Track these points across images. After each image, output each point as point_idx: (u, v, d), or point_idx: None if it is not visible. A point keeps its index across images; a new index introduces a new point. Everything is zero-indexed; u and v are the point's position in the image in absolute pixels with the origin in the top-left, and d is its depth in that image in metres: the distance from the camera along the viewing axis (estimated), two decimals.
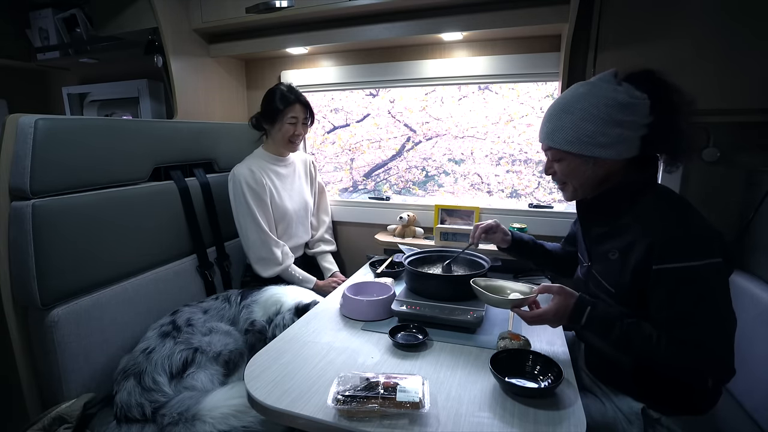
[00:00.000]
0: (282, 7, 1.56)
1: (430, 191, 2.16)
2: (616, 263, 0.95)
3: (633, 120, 0.91)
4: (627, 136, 0.91)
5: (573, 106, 0.94)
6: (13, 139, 1.09)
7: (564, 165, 0.99)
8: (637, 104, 0.90)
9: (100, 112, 2.25)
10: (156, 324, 1.29)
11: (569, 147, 0.95)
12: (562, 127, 0.95)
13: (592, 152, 0.93)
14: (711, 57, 1.20)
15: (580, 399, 0.85)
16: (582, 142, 0.93)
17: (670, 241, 0.85)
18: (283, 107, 1.59)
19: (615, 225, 0.98)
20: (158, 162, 1.48)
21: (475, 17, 1.49)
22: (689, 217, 0.89)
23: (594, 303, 0.92)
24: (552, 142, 0.98)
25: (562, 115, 0.96)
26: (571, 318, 0.91)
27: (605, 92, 0.92)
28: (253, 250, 1.60)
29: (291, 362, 0.97)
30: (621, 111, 0.90)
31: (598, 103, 0.91)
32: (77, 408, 1.06)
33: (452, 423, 0.77)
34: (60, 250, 1.13)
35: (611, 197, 0.98)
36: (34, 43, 2.14)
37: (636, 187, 0.95)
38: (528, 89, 1.87)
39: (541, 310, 0.95)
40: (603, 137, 0.91)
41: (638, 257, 0.89)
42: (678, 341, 0.83)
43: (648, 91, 0.91)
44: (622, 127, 0.90)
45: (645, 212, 0.92)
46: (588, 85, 0.96)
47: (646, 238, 0.88)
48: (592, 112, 0.91)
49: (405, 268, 1.32)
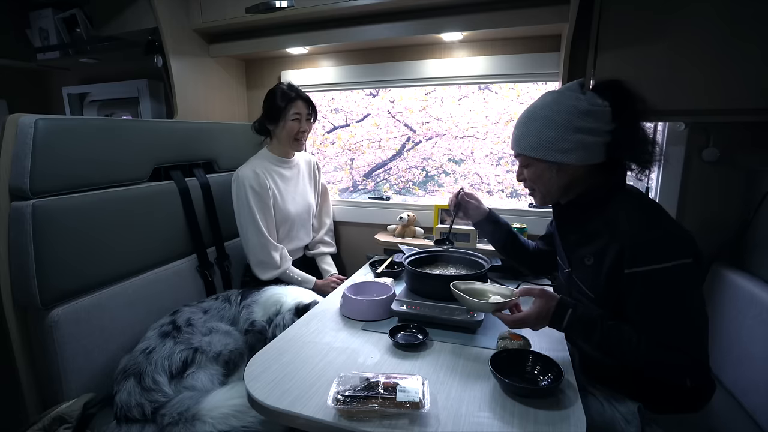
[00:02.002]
0: (282, 7, 1.56)
1: (430, 191, 2.16)
2: (592, 268, 0.97)
3: (594, 127, 0.94)
4: (588, 143, 0.94)
5: (537, 114, 0.99)
6: (13, 139, 1.09)
7: (531, 170, 1.03)
8: (598, 111, 0.94)
9: (100, 112, 2.25)
10: (156, 324, 1.28)
11: (534, 153, 0.99)
12: (528, 133, 1.00)
13: (554, 158, 0.96)
14: (711, 57, 1.19)
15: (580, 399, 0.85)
16: (545, 147, 0.97)
17: (639, 245, 0.87)
18: (285, 104, 1.59)
19: (587, 231, 1.00)
20: (158, 162, 1.48)
21: (475, 17, 1.49)
22: (657, 220, 0.91)
23: (575, 305, 0.93)
24: (519, 148, 1.03)
25: (528, 122, 1.01)
26: (553, 321, 0.93)
27: (568, 100, 0.96)
28: (253, 253, 1.60)
29: (291, 362, 0.97)
30: (581, 118, 0.94)
31: (560, 110, 0.95)
32: (77, 408, 1.06)
33: (452, 423, 0.77)
34: (60, 251, 1.13)
35: (581, 204, 1.01)
36: (34, 43, 2.13)
37: (603, 192, 0.98)
38: (528, 89, 1.87)
39: (523, 314, 0.96)
40: (564, 143, 0.95)
41: (611, 262, 0.91)
42: (655, 343, 0.85)
43: (611, 100, 0.95)
44: (582, 133, 0.94)
45: (614, 217, 0.94)
46: (554, 94, 1.00)
47: (616, 243, 0.90)
48: (554, 119, 0.95)
49: (405, 268, 1.32)
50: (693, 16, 1.19)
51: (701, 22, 1.19)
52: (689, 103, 1.24)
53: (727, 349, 1.27)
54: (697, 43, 1.20)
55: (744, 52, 1.17)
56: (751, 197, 1.37)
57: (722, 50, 1.19)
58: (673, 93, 1.24)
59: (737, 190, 1.43)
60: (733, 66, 1.18)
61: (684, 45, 1.21)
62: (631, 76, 1.25)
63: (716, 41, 1.19)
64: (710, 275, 1.42)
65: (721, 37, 1.18)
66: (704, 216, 1.49)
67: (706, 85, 1.21)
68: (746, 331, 1.20)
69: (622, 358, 0.90)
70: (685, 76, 1.22)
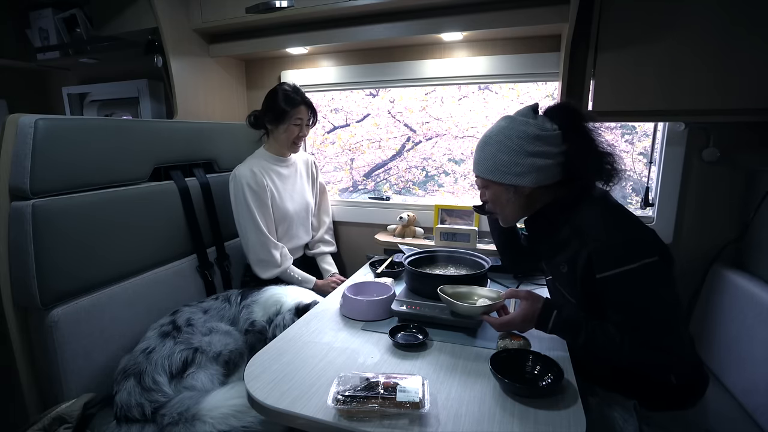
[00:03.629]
0: (282, 7, 1.56)
1: (430, 191, 2.16)
2: (568, 275, 1.00)
3: (545, 150, 0.98)
4: (541, 165, 0.98)
5: (492, 139, 1.03)
6: (13, 139, 1.09)
7: (491, 192, 1.07)
8: (547, 136, 0.98)
9: (100, 112, 2.25)
10: (156, 324, 1.28)
11: (490, 176, 1.03)
12: (485, 158, 1.04)
13: (510, 180, 1.01)
14: (710, 57, 1.20)
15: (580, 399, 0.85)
16: (500, 171, 1.01)
17: (605, 250, 0.89)
18: (290, 109, 1.59)
19: (557, 240, 1.03)
20: (158, 162, 1.48)
21: (475, 17, 1.49)
22: (620, 224, 0.94)
23: (560, 307, 0.95)
24: (478, 171, 1.07)
25: (484, 147, 1.05)
26: (539, 322, 0.96)
27: (518, 125, 1.00)
28: (253, 251, 1.60)
29: (291, 362, 0.97)
30: (531, 143, 0.97)
31: (511, 135, 0.99)
32: (77, 408, 1.06)
33: (452, 423, 0.77)
34: (60, 250, 1.13)
35: (545, 217, 1.04)
36: (34, 43, 2.13)
37: (566, 205, 1.00)
38: (528, 89, 1.87)
39: (509, 317, 0.99)
40: (517, 167, 0.99)
41: (582, 268, 0.94)
42: (638, 342, 0.86)
43: (560, 123, 0.99)
44: (534, 156, 0.98)
45: (580, 224, 0.97)
46: (507, 119, 1.04)
47: (585, 250, 0.92)
48: (507, 144, 1.00)
49: (405, 268, 1.32)
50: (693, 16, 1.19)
51: (701, 22, 1.19)
52: (689, 103, 1.24)
53: (727, 349, 1.27)
54: (697, 43, 1.20)
55: (744, 52, 1.17)
56: (751, 197, 1.37)
57: (722, 50, 1.19)
58: (673, 93, 1.24)
59: (737, 190, 1.43)
60: (733, 66, 1.18)
61: (684, 45, 1.21)
62: (631, 76, 1.27)
63: (716, 41, 1.19)
64: (710, 275, 1.42)
65: (721, 37, 1.18)
66: (704, 216, 1.49)
67: (706, 85, 1.21)
68: (746, 331, 1.20)
69: (607, 357, 0.92)
70: (685, 76, 1.23)
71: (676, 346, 0.87)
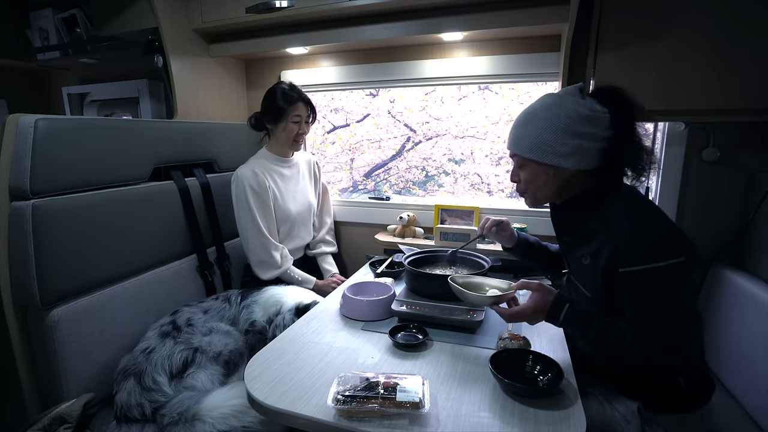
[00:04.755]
0: (282, 7, 1.56)
1: (430, 191, 2.16)
2: (589, 268, 0.97)
3: (592, 132, 0.94)
4: (586, 148, 0.94)
5: (537, 116, 0.98)
6: (13, 139, 1.09)
7: (526, 172, 1.02)
8: (597, 117, 0.94)
9: (100, 112, 2.25)
10: (156, 324, 1.28)
11: (530, 155, 0.98)
12: (526, 135, 0.99)
13: (551, 161, 0.96)
14: (711, 57, 1.20)
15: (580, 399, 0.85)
16: (542, 150, 0.96)
17: (633, 245, 0.87)
18: (287, 106, 1.59)
19: (584, 231, 1.00)
20: (158, 162, 1.48)
21: (475, 17, 1.49)
22: (651, 220, 0.91)
23: (572, 301, 0.93)
24: (516, 149, 1.02)
25: (527, 123, 1.00)
26: (549, 315, 0.93)
27: (568, 104, 0.95)
28: (254, 252, 1.60)
29: (291, 362, 0.97)
30: (581, 123, 0.93)
31: (559, 114, 0.95)
32: (77, 408, 1.06)
33: (452, 423, 0.77)
34: (60, 250, 1.13)
35: (577, 205, 1.01)
36: (34, 43, 2.13)
37: (599, 194, 0.98)
38: (528, 89, 1.87)
39: (519, 308, 0.96)
40: (562, 147, 0.95)
41: (606, 261, 0.91)
42: (650, 342, 0.85)
43: (610, 107, 0.95)
44: (581, 138, 0.94)
45: (610, 217, 0.94)
46: (554, 97, 0.99)
47: (612, 242, 0.90)
48: (554, 122, 0.95)
49: (405, 268, 1.32)
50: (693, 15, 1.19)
51: (701, 22, 1.19)
52: (689, 103, 1.24)
53: (727, 349, 1.27)
54: (697, 43, 1.20)
55: (744, 52, 1.17)
56: (751, 197, 1.37)
57: (722, 50, 1.19)
58: (673, 93, 1.24)
59: (737, 190, 1.43)
60: (734, 66, 1.18)
61: (684, 45, 1.21)
62: (631, 76, 1.27)
63: (716, 41, 1.19)
64: (710, 275, 1.42)
65: (721, 37, 1.18)
66: (704, 216, 1.49)
67: (706, 85, 1.21)
68: (746, 331, 1.20)
69: (615, 355, 0.90)
70: (685, 75, 1.22)
71: (686, 348, 0.86)
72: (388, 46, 1.83)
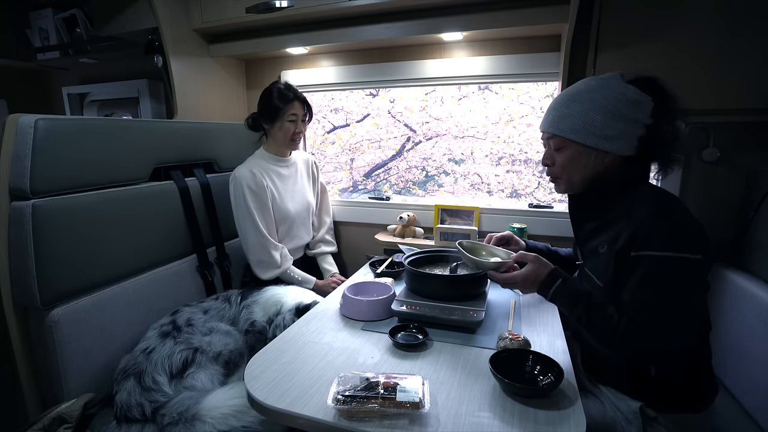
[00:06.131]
0: (282, 7, 1.56)
1: (430, 191, 2.16)
2: (604, 256, 0.95)
3: (637, 118, 0.92)
4: (631, 133, 0.93)
5: (583, 96, 0.95)
6: (13, 139, 1.09)
7: (564, 155, 0.99)
8: (644, 102, 0.92)
9: (100, 112, 2.25)
10: (156, 324, 1.28)
11: (574, 135, 0.95)
12: (570, 114, 0.95)
13: (596, 143, 0.93)
14: (710, 57, 1.20)
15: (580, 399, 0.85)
16: (588, 131, 0.94)
17: (652, 230, 0.86)
18: (283, 105, 1.59)
19: (605, 219, 0.99)
20: (158, 162, 1.48)
21: (475, 17, 1.49)
22: (675, 211, 0.90)
23: (567, 278, 0.93)
24: (557, 130, 0.98)
25: (570, 103, 0.96)
26: (541, 287, 0.95)
27: (617, 87, 0.93)
28: (253, 252, 1.60)
29: (291, 362, 0.97)
30: (629, 107, 0.91)
31: (609, 96, 0.92)
32: (77, 408, 1.06)
33: (452, 423, 0.77)
34: (60, 251, 1.13)
35: (603, 192, 0.99)
36: (34, 43, 2.14)
37: (627, 183, 0.97)
38: (528, 89, 1.87)
39: (512, 274, 0.98)
40: (609, 129, 0.92)
41: (622, 245, 0.90)
42: (634, 324, 0.84)
43: (653, 95, 0.93)
44: (627, 122, 0.92)
45: (633, 205, 0.93)
46: (598, 80, 0.97)
47: (631, 227, 0.89)
48: (603, 103, 0.92)
49: (405, 268, 1.32)
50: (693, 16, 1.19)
51: (701, 22, 1.19)
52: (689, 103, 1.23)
53: (727, 349, 1.27)
54: (697, 43, 1.20)
55: (744, 52, 1.17)
56: (751, 197, 1.37)
57: (722, 50, 1.19)
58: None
59: (737, 190, 1.43)
60: (733, 66, 1.19)
61: (684, 45, 1.21)
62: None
63: (716, 41, 1.19)
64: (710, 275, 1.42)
65: (721, 37, 1.18)
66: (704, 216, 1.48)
67: (706, 85, 1.21)
68: (746, 331, 1.20)
69: (599, 335, 0.90)
70: (686, 75, 1.23)
71: (671, 341, 0.83)
72: (388, 46, 1.83)
